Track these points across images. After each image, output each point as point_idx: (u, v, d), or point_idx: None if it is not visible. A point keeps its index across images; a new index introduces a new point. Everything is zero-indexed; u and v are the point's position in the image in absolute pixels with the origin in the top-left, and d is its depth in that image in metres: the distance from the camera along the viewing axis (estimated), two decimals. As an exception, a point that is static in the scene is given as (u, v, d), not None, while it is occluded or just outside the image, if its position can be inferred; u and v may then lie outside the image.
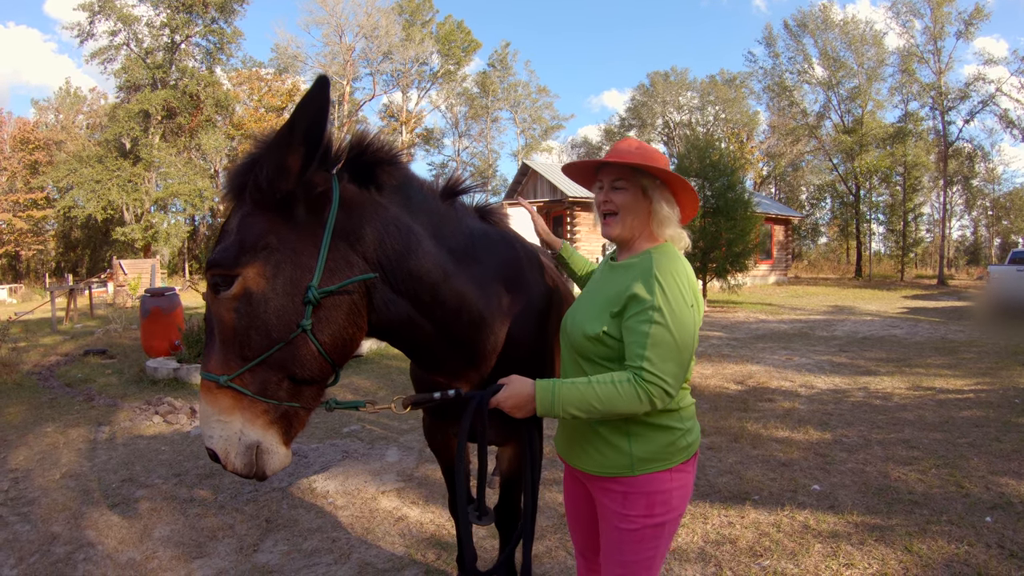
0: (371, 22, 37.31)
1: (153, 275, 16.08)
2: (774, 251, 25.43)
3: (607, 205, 1.59)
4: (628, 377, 1.39)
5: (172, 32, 30.17)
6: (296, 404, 1.39)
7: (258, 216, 1.35)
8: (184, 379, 6.96)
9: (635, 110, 45.52)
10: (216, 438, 1.33)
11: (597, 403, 1.39)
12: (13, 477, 4.14)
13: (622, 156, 1.57)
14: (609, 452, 1.53)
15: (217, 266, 1.33)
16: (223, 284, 1.32)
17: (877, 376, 6.94)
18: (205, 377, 1.35)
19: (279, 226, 1.35)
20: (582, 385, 1.41)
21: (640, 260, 1.53)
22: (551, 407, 1.42)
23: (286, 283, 1.34)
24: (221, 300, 1.33)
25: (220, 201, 4.95)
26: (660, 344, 1.39)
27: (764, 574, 2.72)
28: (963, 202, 46.36)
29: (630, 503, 1.52)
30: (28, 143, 38.02)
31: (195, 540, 3.17)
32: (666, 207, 1.57)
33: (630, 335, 1.43)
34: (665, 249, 1.54)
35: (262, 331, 1.32)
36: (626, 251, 1.63)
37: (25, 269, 38.89)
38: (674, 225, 1.60)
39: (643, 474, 1.51)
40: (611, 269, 1.63)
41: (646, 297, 1.42)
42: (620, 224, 1.59)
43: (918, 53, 28.28)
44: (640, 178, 1.56)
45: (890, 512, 3.30)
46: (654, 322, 1.40)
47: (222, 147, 32.76)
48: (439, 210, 1.66)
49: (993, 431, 4.70)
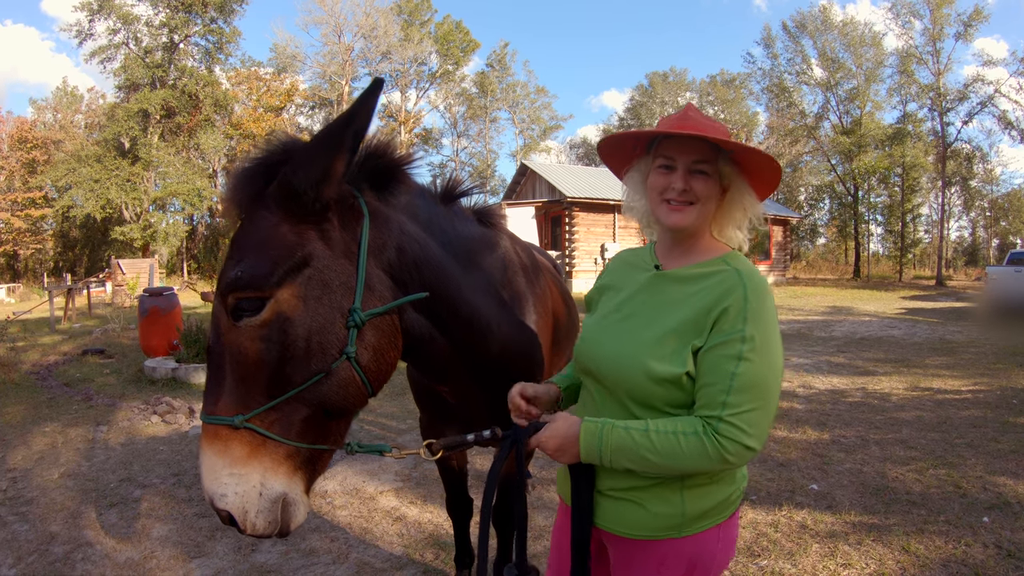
0: (370, 22, 37.30)
1: (151, 275, 16.07)
2: (772, 251, 25.42)
3: (686, 194, 1.21)
4: (698, 428, 1.09)
5: (171, 32, 30.16)
6: (324, 446, 1.22)
7: (290, 228, 1.18)
8: (182, 379, 6.96)
9: (634, 110, 45.57)
10: (231, 496, 1.10)
11: (653, 455, 1.10)
12: (11, 477, 4.13)
13: (705, 129, 1.19)
14: (656, 507, 1.19)
15: (244, 287, 1.12)
16: (250, 309, 1.13)
17: (875, 376, 6.95)
18: (210, 422, 1.12)
19: (313, 240, 1.19)
20: (637, 433, 1.12)
21: (717, 270, 1.20)
22: (597, 454, 1.15)
23: (327, 306, 1.18)
24: (244, 328, 1.13)
25: (225, 209, 4.52)
26: (749, 388, 1.08)
27: (762, 574, 2.73)
28: (961, 203, 46.43)
29: (666, 569, 1.21)
30: (26, 142, 37.94)
31: (193, 540, 3.17)
32: (748, 202, 1.27)
33: (709, 374, 1.11)
34: (745, 261, 1.23)
35: (299, 361, 1.14)
36: (682, 252, 1.28)
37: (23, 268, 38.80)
38: (743, 226, 1.30)
39: (690, 535, 1.20)
40: (666, 281, 1.26)
41: (735, 325, 1.10)
42: (696, 213, 1.23)
43: (917, 54, 28.32)
44: (722, 163, 1.24)
45: (888, 512, 3.31)
46: (743, 359, 1.08)
47: (221, 147, 32.74)
48: (442, 216, 1.58)
49: (991, 431, 4.71)
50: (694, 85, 44.61)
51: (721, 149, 1.23)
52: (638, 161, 1.34)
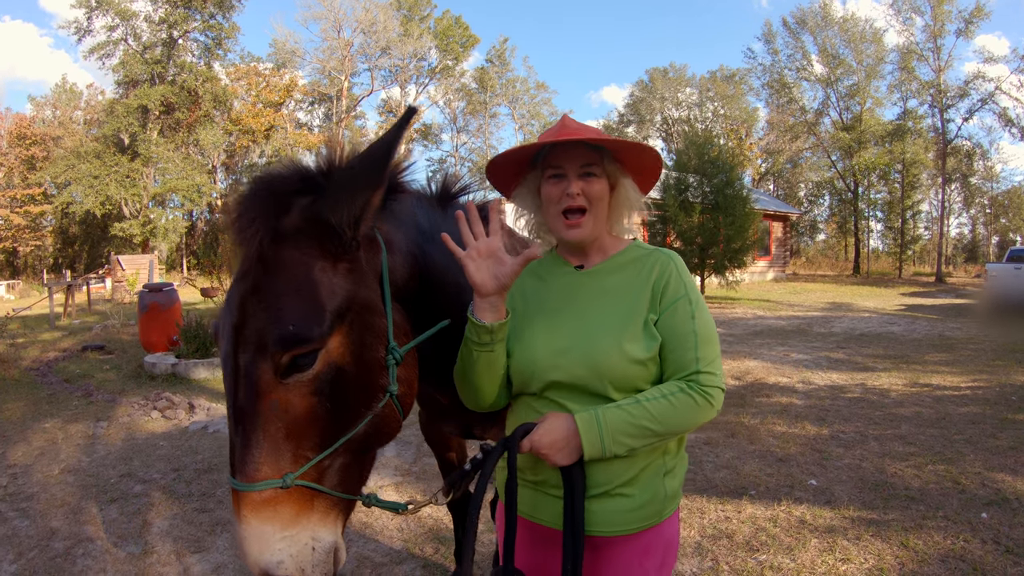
0: (369, 17, 37.20)
1: (151, 271, 16.08)
2: (772, 247, 25.44)
3: (578, 199, 1.25)
4: (681, 386, 1.18)
5: (170, 27, 30.05)
6: (360, 494, 1.17)
7: (326, 267, 1.08)
8: (182, 374, 6.96)
9: (633, 106, 45.47)
10: (287, 560, 1.01)
11: (652, 423, 1.14)
12: (12, 473, 4.14)
13: (584, 133, 1.26)
14: (644, 496, 1.22)
15: (300, 343, 1.02)
16: (303, 365, 1.03)
17: (874, 372, 6.96)
18: (255, 488, 1.00)
19: (350, 279, 1.11)
20: (630, 407, 1.15)
21: (640, 255, 1.31)
22: (599, 441, 1.14)
23: (370, 347, 1.13)
24: (292, 384, 1.03)
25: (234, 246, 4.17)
26: (708, 339, 1.21)
27: (761, 568, 2.73)
28: (961, 200, 46.39)
29: (648, 557, 1.23)
30: (25, 138, 37.87)
31: (193, 535, 3.18)
32: (633, 195, 1.34)
33: (673, 338, 1.21)
34: (646, 244, 1.36)
35: (349, 409, 1.09)
36: (592, 252, 1.35)
37: (23, 265, 38.78)
38: (631, 217, 1.37)
39: (666, 519, 1.25)
40: (594, 276, 1.32)
41: (677, 291, 1.23)
42: (592, 221, 1.28)
43: (918, 51, 28.29)
44: (607, 163, 1.30)
45: (886, 507, 3.32)
46: (694, 316, 1.22)
47: (220, 142, 32.69)
48: (441, 221, 1.49)
49: (989, 428, 4.72)
50: (694, 81, 44.51)
51: (603, 150, 1.29)
52: (526, 177, 1.38)
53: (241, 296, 1.06)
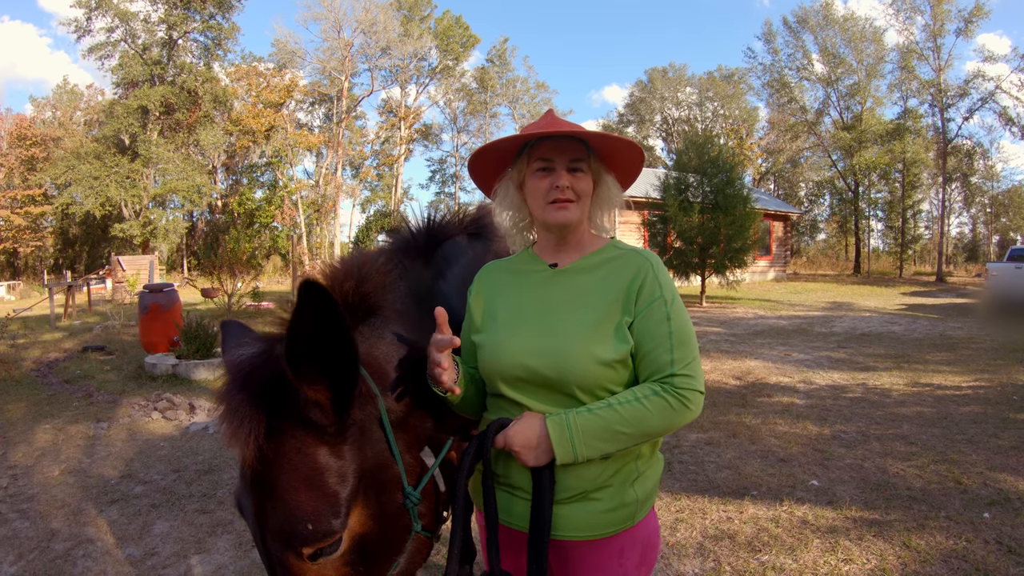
0: (369, 17, 37.17)
1: (152, 271, 16.08)
2: (773, 247, 25.43)
3: (567, 192, 1.26)
4: (656, 389, 1.15)
5: (169, 28, 30.03)
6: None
7: (329, 450, 1.06)
8: (183, 375, 6.96)
9: (633, 106, 45.45)
10: None
11: (625, 427, 1.13)
12: (12, 474, 4.14)
13: (574, 127, 1.27)
14: (613, 501, 1.21)
15: (322, 537, 1.03)
16: (328, 551, 1.05)
17: (876, 372, 6.95)
18: None
19: (354, 451, 1.09)
20: (601, 411, 1.14)
21: (616, 255, 1.30)
22: (570, 444, 1.13)
23: (389, 503, 1.14)
24: (323, 564, 1.06)
25: (236, 445, 1.08)
26: (684, 341, 1.18)
27: (763, 569, 2.73)
28: (962, 199, 46.35)
29: (626, 558, 1.24)
30: (25, 139, 37.87)
31: (194, 536, 3.17)
32: (614, 193, 1.35)
33: (648, 341, 1.19)
34: (628, 243, 1.36)
35: (379, 561, 1.13)
36: (568, 249, 1.33)
37: (23, 266, 38.77)
38: (610, 214, 1.37)
39: (640, 521, 1.25)
40: (568, 275, 1.30)
41: (653, 292, 1.21)
42: (579, 208, 1.29)
43: (918, 50, 28.26)
44: (592, 160, 1.31)
45: (888, 508, 3.31)
46: (670, 318, 1.19)
47: (220, 143, 32.65)
48: (430, 281, 1.47)
49: (991, 427, 4.71)
50: (693, 80, 44.49)
51: (589, 147, 1.30)
52: (508, 171, 1.36)
53: (252, 493, 1.06)
